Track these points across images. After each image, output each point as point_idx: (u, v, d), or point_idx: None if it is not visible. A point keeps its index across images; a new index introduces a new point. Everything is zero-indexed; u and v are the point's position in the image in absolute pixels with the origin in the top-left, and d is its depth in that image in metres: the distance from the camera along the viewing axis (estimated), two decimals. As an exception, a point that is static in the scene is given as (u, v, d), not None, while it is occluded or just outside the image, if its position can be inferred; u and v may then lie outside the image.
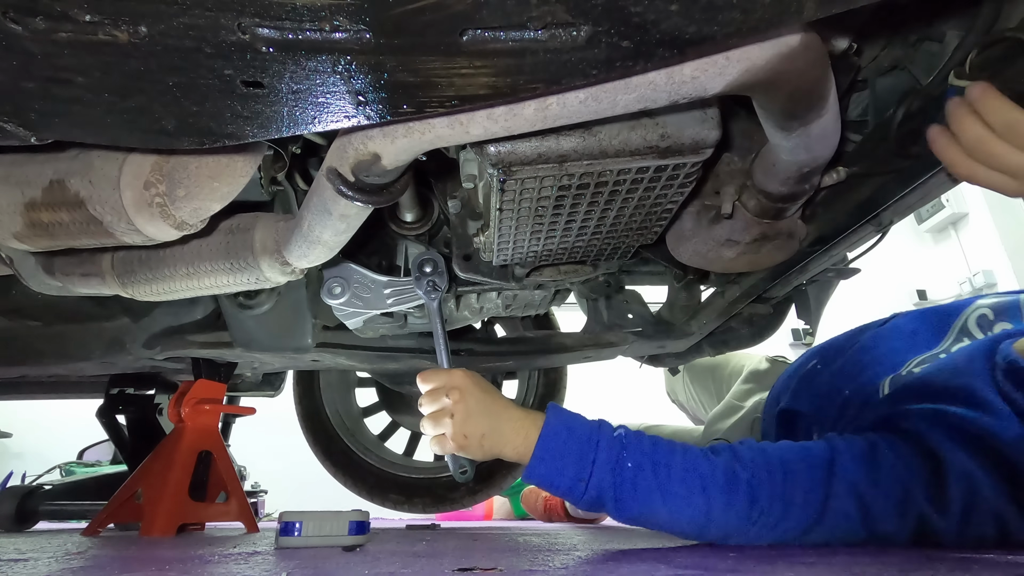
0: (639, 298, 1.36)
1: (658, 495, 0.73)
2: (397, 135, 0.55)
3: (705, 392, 1.92)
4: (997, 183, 0.61)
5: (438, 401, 0.82)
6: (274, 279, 0.80)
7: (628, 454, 0.74)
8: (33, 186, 0.63)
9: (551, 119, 0.52)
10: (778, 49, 0.49)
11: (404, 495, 1.88)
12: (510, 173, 0.63)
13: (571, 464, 0.75)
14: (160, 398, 1.72)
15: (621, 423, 0.81)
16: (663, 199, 0.73)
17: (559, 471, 0.75)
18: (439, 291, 0.94)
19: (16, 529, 1.62)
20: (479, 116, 0.52)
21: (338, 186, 0.60)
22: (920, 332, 1.06)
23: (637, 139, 0.62)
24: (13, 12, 0.37)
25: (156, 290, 0.81)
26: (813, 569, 0.56)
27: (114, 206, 0.61)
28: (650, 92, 0.50)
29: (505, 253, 0.85)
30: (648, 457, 0.74)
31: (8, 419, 3.52)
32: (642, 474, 0.73)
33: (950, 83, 0.66)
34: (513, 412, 0.81)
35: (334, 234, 0.70)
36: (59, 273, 0.82)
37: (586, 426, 0.78)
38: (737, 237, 0.85)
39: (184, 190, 0.62)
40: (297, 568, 0.62)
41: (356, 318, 1.03)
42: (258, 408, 1.58)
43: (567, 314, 2.00)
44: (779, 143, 0.67)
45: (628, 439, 0.76)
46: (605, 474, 0.73)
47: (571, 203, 0.71)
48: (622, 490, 0.73)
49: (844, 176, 0.79)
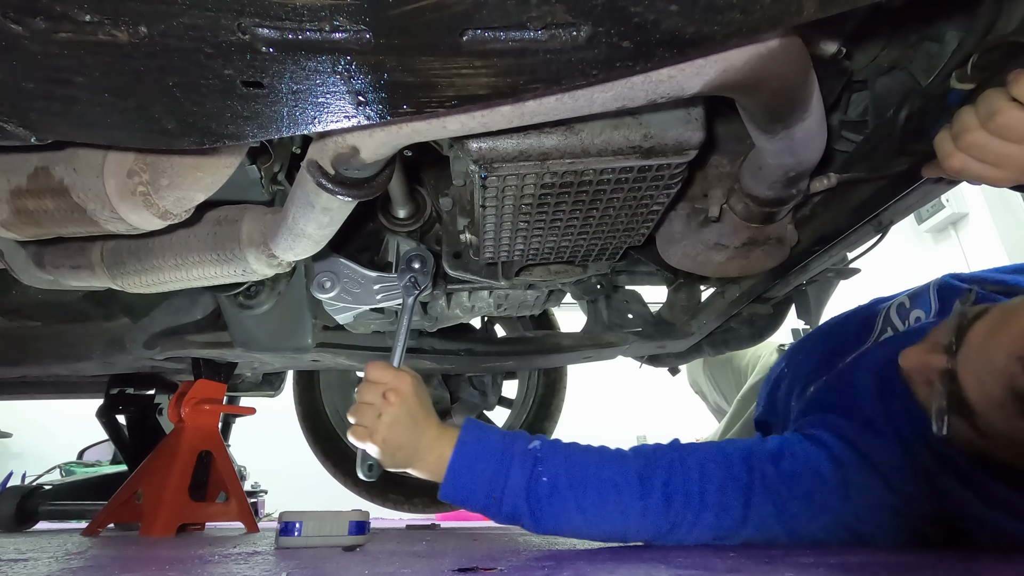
0: (639, 298, 1.36)
1: (574, 508, 0.74)
2: (374, 128, 0.54)
3: (725, 381, 1.92)
4: (986, 175, 0.62)
5: (375, 395, 0.81)
6: (261, 271, 0.79)
7: (544, 468, 0.76)
8: (18, 173, 0.63)
9: (528, 116, 0.52)
10: (757, 51, 0.49)
11: (404, 495, 1.88)
12: (491, 170, 0.63)
13: (483, 484, 0.76)
14: (160, 398, 1.72)
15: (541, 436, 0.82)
16: (648, 200, 0.73)
17: (471, 491, 0.77)
18: (418, 289, 0.93)
19: (16, 529, 1.63)
20: (455, 111, 0.52)
21: (318, 179, 0.60)
22: (852, 329, 1.07)
23: (620, 139, 0.62)
24: (13, 12, 0.37)
25: (145, 281, 0.81)
26: (814, 569, 0.56)
27: (98, 194, 0.61)
28: (627, 91, 0.50)
29: (490, 250, 0.85)
30: (563, 470, 0.75)
31: (8, 419, 3.53)
32: (557, 489, 0.74)
33: (952, 86, 0.66)
34: (433, 431, 0.80)
35: (318, 227, 0.69)
36: (49, 265, 0.82)
37: (499, 443, 0.79)
38: (726, 241, 0.85)
39: (167, 179, 0.62)
40: (297, 568, 0.62)
41: (346, 313, 1.03)
42: (258, 408, 1.58)
43: (567, 314, 2.01)
44: (764, 146, 0.67)
45: (543, 452, 0.77)
46: (519, 491, 0.75)
47: (555, 202, 0.71)
48: (537, 506, 0.75)
49: (835, 182, 0.79)
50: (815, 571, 0.55)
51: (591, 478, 0.75)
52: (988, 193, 4.10)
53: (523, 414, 1.96)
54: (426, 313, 1.17)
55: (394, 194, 0.93)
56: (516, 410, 1.98)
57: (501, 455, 0.77)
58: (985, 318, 0.71)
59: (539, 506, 0.75)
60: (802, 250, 0.94)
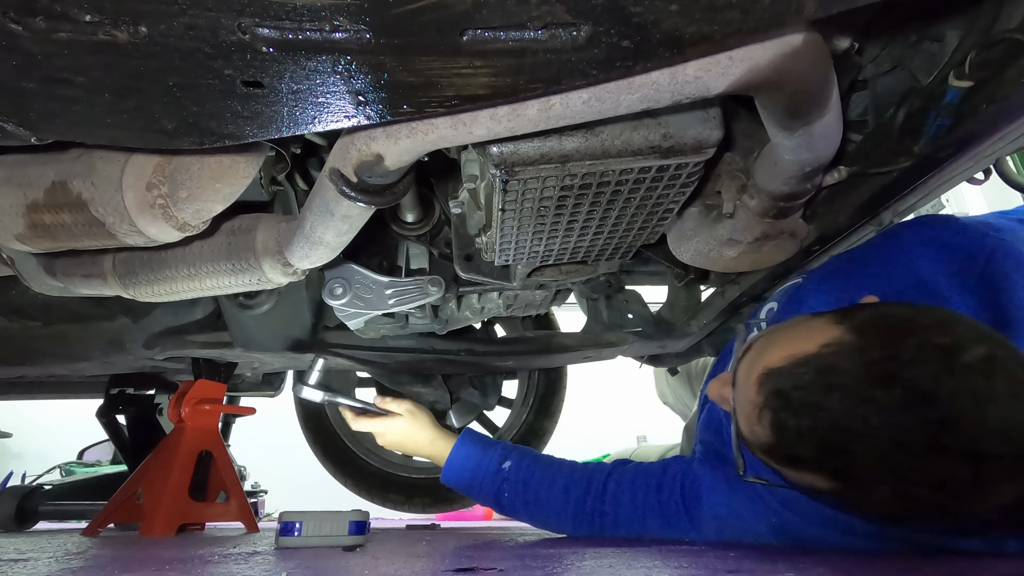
0: (639, 298, 1.36)
1: (526, 516, 1.01)
2: (400, 136, 0.54)
3: (686, 391, 1.91)
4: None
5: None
6: (276, 280, 0.79)
7: (506, 486, 0.99)
8: (35, 187, 0.63)
9: (554, 119, 0.52)
10: (781, 48, 0.49)
11: (404, 495, 1.88)
12: (513, 173, 0.63)
13: (466, 488, 1.04)
14: (160, 398, 1.72)
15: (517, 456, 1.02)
16: (665, 199, 0.73)
17: (459, 488, 1.05)
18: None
19: (16, 529, 1.63)
20: (482, 116, 0.52)
21: (341, 187, 0.60)
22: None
23: (640, 139, 0.62)
24: (13, 12, 0.37)
25: (158, 291, 0.81)
26: (814, 569, 0.56)
27: (116, 207, 0.61)
28: (653, 92, 0.50)
29: (507, 253, 0.85)
30: (521, 491, 0.99)
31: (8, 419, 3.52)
32: (515, 507, 1.00)
33: (950, 84, 0.66)
34: (426, 450, 1.06)
35: (336, 235, 0.70)
36: (60, 274, 0.82)
37: (476, 466, 1.02)
38: (739, 236, 0.85)
39: (186, 191, 0.62)
40: (297, 568, 0.62)
41: (358, 319, 1.03)
42: (258, 408, 1.58)
43: (567, 314, 2.01)
44: (781, 142, 0.67)
45: (509, 474, 0.99)
46: (491, 501, 1.02)
47: (573, 203, 0.71)
48: (504, 511, 1.03)
49: (845, 175, 0.79)
50: (815, 571, 0.55)
51: (541, 501, 0.97)
52: (988, 193, 4.10)
53: (523, 414, 1.96)
54: (436, 316, 1.17)
55: (403, 198, 0.94)
56: (516, 410, 1.98)
57: (474, 470, 1.02)
58: (749, 353, 0.67)
59: (503, 511, 1.02)
60: (803, 249, 0.94)
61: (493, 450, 1.02)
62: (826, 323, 0.61)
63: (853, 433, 0.55)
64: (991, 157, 0.85)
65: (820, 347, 0.59)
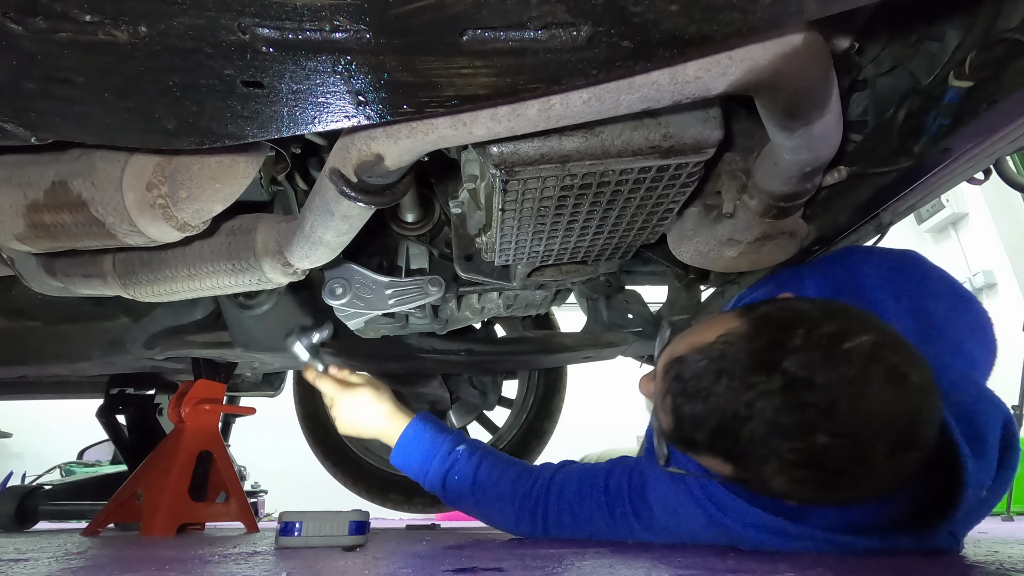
0: (639, 298, 1.36)
1: (473, 507, 0.96)
2: (400, 136, 0.54)
3: None
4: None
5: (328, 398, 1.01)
6: (276, 280, 0.79)
7: (455, 469, 0.95)
8: (35, 187, 0.63)
9: (554, 119, 0.52)
10: (781, 49, 0.49)
11: (404, 495, 1.88)
12: (513, 173, 0.63)
13: (414, 468, 0.99)
14: (160, 398, 1.73)
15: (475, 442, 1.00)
16: (665, 199, 0.73)
17: (407, 468, 1.00)
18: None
19: (16, 529, 1.63)
20: (482, 116, 0.52)
21: (341, 187, 0.60)
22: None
23: (640, 139, 0.62)
24: (13, 12, 0.37)
25: (158, 291, 0.81)
26: (813, 569, 0.56)
27: (116, 208, 0.61)
28: (653, 92, 0.50)
29: (507, 253, 0.85)
30: (468, 477, 0.95)
31: (8, 419, 3.53)
32: (462, 493, 0.95)
33: (950, 83, 0.66)
34: (383, 425, 1.00)
35: (336, 235, 0.70)
36: (60, 274, 0.82)
37: (431, 439, 0.98)
38: (739, 236, 0.85)
39: (187, 191, 0.62)
40: (297, 568, 0.62)
41: (358, 319, 1.03)
42: (258, 408, 1.58)
43: (567, 314, 2.00)
44: (781, 142, 0.67)
45: (461, 456, 0.96)
46: (437, 482, 0.97)
47: (573, 203, 0.71)
48: (446, 496, 0.98)
49: (845, 175, 0.79)
50: (815, 571, 0.55)
51: (488, 490, 0.94)
52: (988, 193, 4.10)
53: (523, 414, 1.96)
54: (436, 316, 1.17)
55: (403, 199, 0.94)
56: (516, 410, 1.98)
57: (426, 451, 0.98)
58: (667, 347, 0.69)
59: (447, 496, 0.97)
60: (803, 249, 0.95)
61: (448, 434, 1.00)
62: (731, 317, 0.64)
63: (738, 417, 0.58)
64: (991, 157, 0.85)
65: (717, 337, 0.62)
